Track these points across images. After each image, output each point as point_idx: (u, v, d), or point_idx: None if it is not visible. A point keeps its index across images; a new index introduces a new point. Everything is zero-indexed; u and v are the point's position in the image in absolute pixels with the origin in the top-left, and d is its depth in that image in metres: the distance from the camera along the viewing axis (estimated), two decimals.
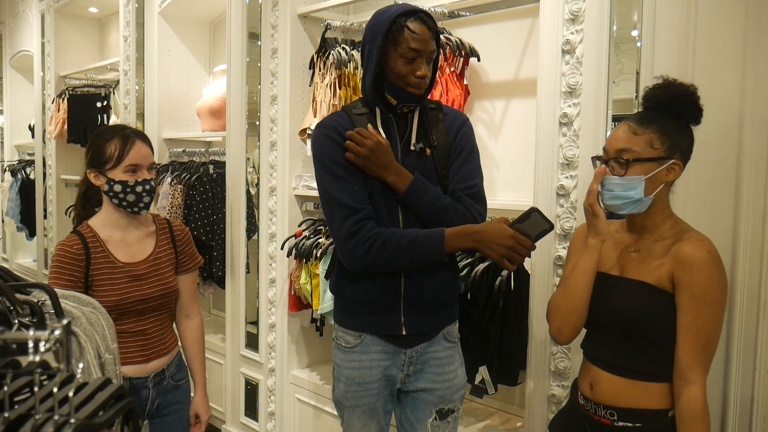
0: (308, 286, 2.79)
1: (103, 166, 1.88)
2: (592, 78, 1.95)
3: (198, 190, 3.40)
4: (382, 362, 1.79)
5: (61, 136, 4.79)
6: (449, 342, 1.86)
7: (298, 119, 2.93)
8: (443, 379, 1.83)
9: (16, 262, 5.98)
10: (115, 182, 1.87)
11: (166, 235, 2.03)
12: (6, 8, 5.70)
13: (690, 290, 1.40)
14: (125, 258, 1.92)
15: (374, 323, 1.78)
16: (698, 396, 1.40)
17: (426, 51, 1.67)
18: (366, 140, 1.67)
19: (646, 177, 1.44)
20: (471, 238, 1.65)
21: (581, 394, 1.57)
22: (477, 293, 2.26)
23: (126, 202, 1.89)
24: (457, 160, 1.79)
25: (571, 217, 2.01)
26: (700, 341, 1.39)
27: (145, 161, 1.91)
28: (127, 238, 1.95)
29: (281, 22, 2.94)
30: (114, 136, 1.89)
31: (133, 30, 3.96)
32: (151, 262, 1.96)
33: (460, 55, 2.54)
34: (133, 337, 1.91)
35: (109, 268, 1.88)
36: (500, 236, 1.63)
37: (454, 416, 1.87)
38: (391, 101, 1.74)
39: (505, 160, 2.70)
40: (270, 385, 3.15)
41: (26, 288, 1.18)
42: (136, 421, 0.79)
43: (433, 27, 1.70)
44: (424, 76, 1.68)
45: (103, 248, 1.90)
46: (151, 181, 1.92)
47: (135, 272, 1.91)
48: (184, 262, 2.06)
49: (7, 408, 0.63)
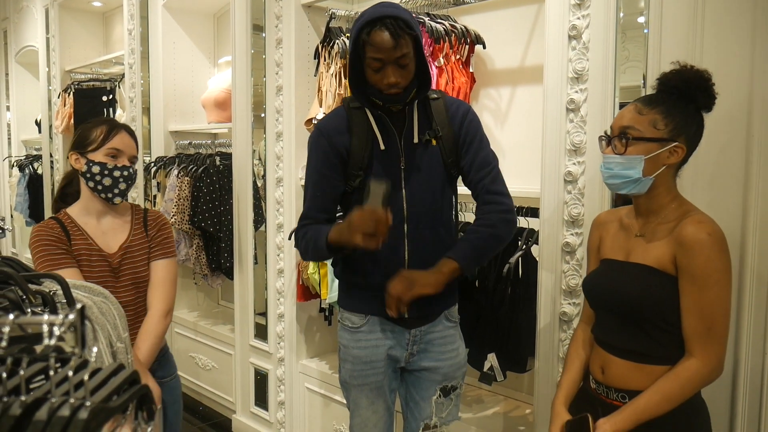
0: (316, 276, 2.80)
1: (86, 148, 1.90)
2: (599, 63, 1.94)
3: (205, 182, 3.41)
4: (387, 341, 1.86)
5: (67, 131, 4.81)
6: (450, 322, 1.92)
7: (304, 110, 2.93)
8: (446, 357, 1.89)
9: (26, 256, 6.01)
10: (95, 163, 1.88)
11: (140, 223, 2.02)
12: (10, 4, 5.71)
13: (691, 273, 1.39)
14: (101, 246, 1.92)
15: (378, 306, 1.81)
16: (692, 365, 1.39)
17: (389, 59, 1.69)
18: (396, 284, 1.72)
19: (646, 157, 1.43)
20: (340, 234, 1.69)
21: (593, 378, 1.58)
22: (485, 280, 2.26)
23: (101, 185, 1.89)
24: (471, 150, 1.83)
25: (579, 203, 2.00)
26: (705, 324, 1.39)
27: (127, 150, 1.93)
28: (102, 225, 1.95)
29: (285, 12, 2.94)
30: (102, 123, 1.93)
31: (138, 23, 3.96)
32: (124, 250, 1.94)
33: (466, 43, 2.53)
34: None
35: (87, 250, 1.88)
36: (351, 220, 1.62)
37: (456, 393, 1.94)
38: (377, 103, 1.79)
39: (511, 148, 2.69)
40: (279, 375, 3.16)
41: (38, 278, 1.19)
42: (149, 406, 0.80)
43: (398, 30, 1.66)
44: (394, 84, 1.71)
45: (81, 231, 1.90)
46: (130, 169, 1.92)
47: (111, 262, 1.91)
48: (153, 249, 2.00)
49: (23, 392, 0.64)
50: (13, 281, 1.05)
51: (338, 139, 1.79)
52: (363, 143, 1.78)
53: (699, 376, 1.40)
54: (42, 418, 0.61)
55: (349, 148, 1.79)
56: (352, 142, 1.78)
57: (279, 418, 3.19)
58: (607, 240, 1.61)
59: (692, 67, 1.45)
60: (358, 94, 1.80)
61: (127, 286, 1.93)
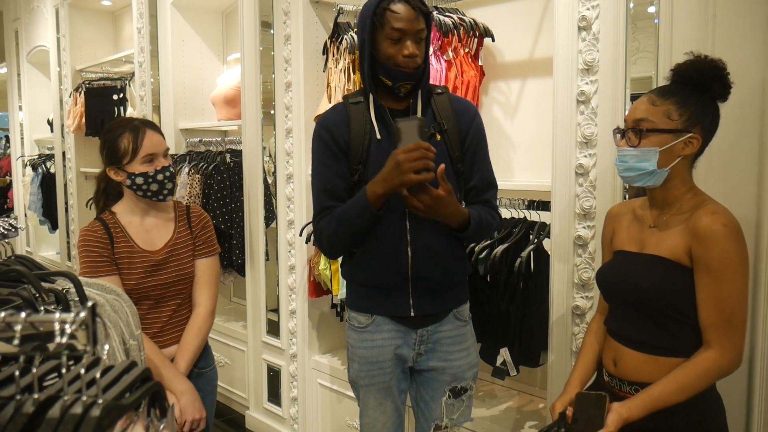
0: (327, 272, 2.80)
1: (121, 162, 1.90)
2: (609, 54, 1.92)
3: (215, 179, 3.42)
4: (394, 341, 1.82)
5: (79, 130, 4.84)
6: (460, 321, 1.88)
7: (313, 106, 2.93)
8: (455, 358, 1.85)
9: (40, 255, 6.07)
10: (136, 175, 1.90)
11: (184, 220, 2.06)
12: (21, 4, 5.75)
13: (707, 264, 1.38)
14: (144, 244, 1.95)
15: (383, 305, 1.81)
16: (710, 356, 1.38)
17: (411, 30, 1.69)
18: (424, 197, 1.65)
19: (661, 149, 1.42)
20: (380, 183, 1.63)
21: (606, 371, 1.57)
22: (497, 275, 2.25)
23: (150, 191, 1.92)
24: (478, 155, 1.83)
25: (591, 196, 1.99)
26: (722, 316, 1.37)
27: (159, 149, 1.94)
28: (146, 223, 1.98)
29: (293, 8, 2.93)
30: (124, 130, 1.91)
31: (147, 22, 3.98)
32: (170, 247, 1.98)
33: (474, 36, 2.51)
34: (149, 322, 1.94)
35: (129, 253, 1.92)
36: (391, 162, 1.59)
37: (468, 395, 1.90)
38: (387, 83, 1.76)
39: (522, 141, 2.67)
40: (292, 371, 3.17)
41: (51, 276, 1.20)
42: (162, 403, 0.80)
43: (419, 6, 1.70)
44: (412, 55, 1.70)
45: (123, 233, 1.93)
46: (170, 167, 1.95)
47: (153, 259, 1.94)
48: (199, 246, 2.05)
49: (36, 390, 0.64)
50: (26, 279, 1.05)
51: (338, 132, 1.77)
52: (361, 135, 1.76)
53: (717, 367, 1.39)
54: (55, 416, 0.61)
55: (348, 141, 1.77)
56: (350, 135, 1.77)
57: (292, 414, 3.20)
58: (621, 232, 1.60)
59: (706, 57, 1.43)
60: (371, 76, 1.76)
61: (171, 282, 1.97)
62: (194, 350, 1.98)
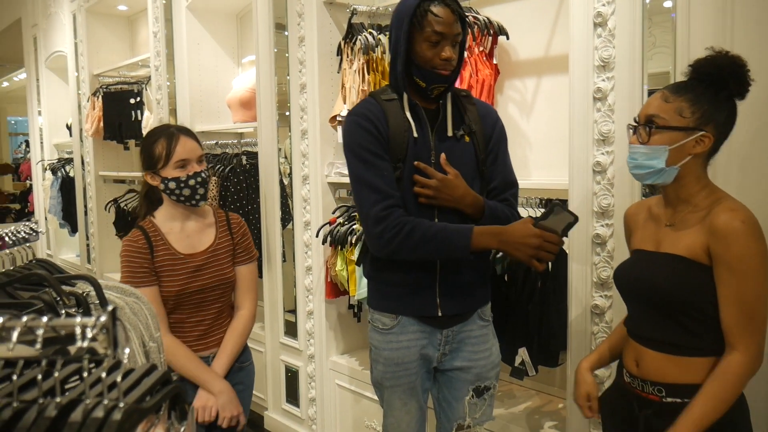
0: (344, 273, 2.80)
1: (155, 167, 1.98)
2: (625, 50, 1.90)
3: (232, 182, 3.44)
4: (419, 342, 1.82)
5: (97, 134, 4.89)
6: (483, 321, 1.88)
7: (328, 107, 2.93)
8: (479, 357, 1.86)
9: (60, 258, 6.15)
10: (169, 180, 1.96)
11: (224, 227, 2.11)
12: (39, 10, 5.82)
13: (727, 262, 1.35)
14: (185, 249, 2.01)
15: (410, 305, 1.80)
16: (739, 361, 1.36)
17: (450, 34, 1.69)
18: (430, 180, 1.68)
19: (671, 147, 1.40)
20: (497, 238, 1.65)
21: (627, 371, 1.55)
22: (515, 274, 2.24)
23: (183, 196, 1.98)
24: (499, 159, 1.84)
25: (609, 194, 1.97)
26: (745, 314, 1.35)
27: (192, 155, 1.99)
28: (187, 229, 2.05)
29: (307, 10, 2.94)
30: (159, 136, 1.99)
31: (162, 26, 4.01)
32: (210, 253, 2.04)
33: (489, 34, 2.50)
34: (191, 326, 2.02)
35: (170, 259, 1.98)
36: (526, 236, 1.62)
37: (490, 393, 1.90)
38: (420, 84, 1.75)
39: (538, 139, 2.66)
40: (310, 372, 3.18)
41: (71, 280, 1.21)
42: (182, 405, 0.81)
43: (458, 10, 1.71)
44: (449, 58, 1.70)
45: (164, 241, 1.99)
46: (202, 173, 2.00)
47: (194, 263, 2.00)
48: (239, 254, 2.12)
49: (58, 393, 0.65)
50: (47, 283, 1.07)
51: (380, 125, 1.74)
52: (401, 132, 1.74)
53: (746, 370, 1.36)
54: (77, 419, 0.62)
55: (389, 137, 1.74)
56: (390, 132, 1.74)
57: (310, 415, 3.21)
58: (637, 231, 1.58)
59: (727, 53, 1.41)
60: (404, 75, 1.75)
61: (212, 286, 2.03)
62: (236, 351, 2.08)
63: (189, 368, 1.98)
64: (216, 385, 1.99)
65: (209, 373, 2.00)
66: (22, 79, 6.75)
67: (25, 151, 8.34)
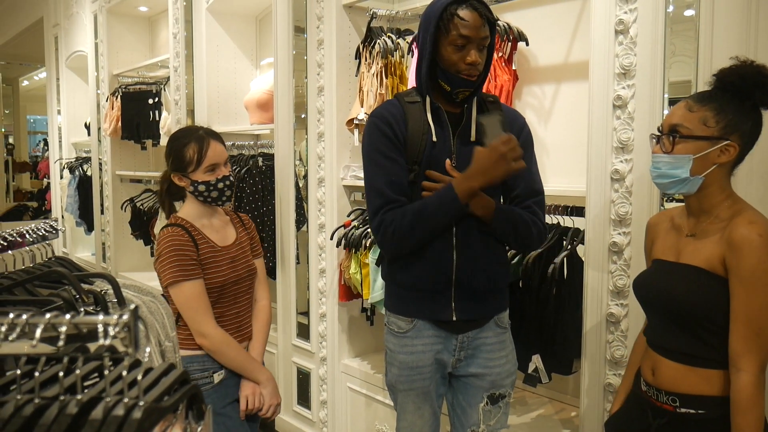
0: (358, 276, 2.80)
1: (185, 170, 2.03)
2: (647, 58, 1.89)
3: (248, 183, 3.45)
4: (434, 346, 1.82)
5: (115, 133, 4.93)
6: (500, 328, 1.87)
7: (345, 110, 2.94)
8: (494, 365, 1.85)
9: (76, 256, 6.20)
10: (199, 183, 2.03)
11: (239, 223, 2.21)
12: (61, 11, 5.89)
13: (739, 275, 1.34)
14: (220, 242, 2.09)
15: (425, 309, 1.80)
16: (747, 383, 1.34)
17: (476, 38, 1.68)
18: (437, 184, 1.70)
19: (695, 156, 1.38)
20: (475, 177, 1.67)
21: (643, 380, 1.54)
22: (529, 281, 2.23)
23: (210, 197, 2.06)
24: (523, 170, 1.81)
25: (627, 202, 1.96)
26: (752, 329, 1.33)
27: (221, 159, 2.06)
28: (214, 224, 2.12)
29: (326, 13, 2.95)
30: (190, 139, 2.03)
31: (182, 27, 4.04)
32: (238, 246, 2.13)
33: (508, 40, 2.50)
34: (230, 319, 2.09)
35: (212, 251, 2.04)
36: (489, 156, 1.65)
37: (505, 401, 1.89)
38: (445, 88, 1.75)
39: (556, 146, 2.64)
40: (322, 374, 3.18)
41: (89, 278, 1.22)
42: (199, 405, 0.81)
43: (486, 14, 1.69)
44: (474, 63, 1.69)
45: (202, 234, 2.05)
46: (230, 176, 2.08)
47: (230, 255, 2.08)
48: (254, 248, 2.23)
49: (79, 390, 0.65)
50: (66, 281, 1.07)
51: (398, 128, 1.75)
52: (419, 135, 1.74)
53: (756, 389, 1.34)
54: (98, 417, 0.62)
55: (405, 139, 1.75)
56: (407, 134, 1.75)
57: (321, 417, 3.20)
58: (659, 241, 1.57)
59: (752, 63, 1.39)
60: (429, 79, 1.75)
61: (244, 276, 2.13)
62: (266, 340, 2.21)
63: (240, 360, 2.04)
64: (263, 373, 2.09)
65: (255, 362, 2.10)
66: (42, 78, 6.83)
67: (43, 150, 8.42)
